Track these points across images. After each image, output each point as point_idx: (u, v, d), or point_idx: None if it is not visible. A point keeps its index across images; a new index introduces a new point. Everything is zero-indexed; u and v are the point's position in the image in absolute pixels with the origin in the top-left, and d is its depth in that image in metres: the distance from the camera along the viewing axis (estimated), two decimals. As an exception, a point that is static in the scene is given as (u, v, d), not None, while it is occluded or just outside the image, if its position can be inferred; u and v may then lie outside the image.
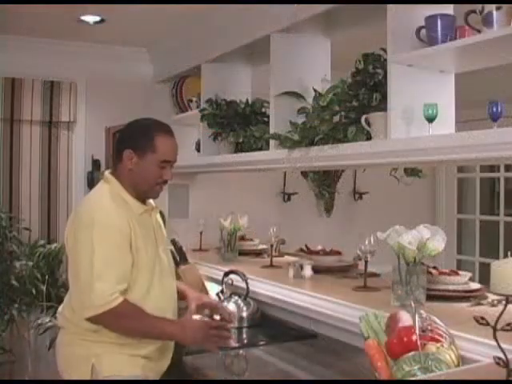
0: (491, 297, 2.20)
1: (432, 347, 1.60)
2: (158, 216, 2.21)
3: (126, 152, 2.04)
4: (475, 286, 2.34)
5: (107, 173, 2.13)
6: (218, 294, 2.73)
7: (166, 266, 2.14)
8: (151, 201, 2.17)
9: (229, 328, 2.09)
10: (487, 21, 1.84)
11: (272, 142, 2.86)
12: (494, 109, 1.91)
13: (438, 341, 1.65)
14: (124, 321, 1.92)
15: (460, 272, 2.43)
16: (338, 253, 3.16)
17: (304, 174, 4.70)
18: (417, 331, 1.61)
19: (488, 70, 2.25)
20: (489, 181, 5.52)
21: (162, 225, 2.26)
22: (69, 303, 2.05)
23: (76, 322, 1.98)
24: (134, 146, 2.03)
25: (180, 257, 2.83)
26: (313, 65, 2.89)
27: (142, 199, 2.10)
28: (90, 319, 1.89)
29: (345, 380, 1.92)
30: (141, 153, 2.03)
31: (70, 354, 2.03)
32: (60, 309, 2.13)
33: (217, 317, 2.24)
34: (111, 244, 1.92)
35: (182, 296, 2.27)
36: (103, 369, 1.93)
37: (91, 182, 4.17)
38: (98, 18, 3.54)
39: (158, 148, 2.02)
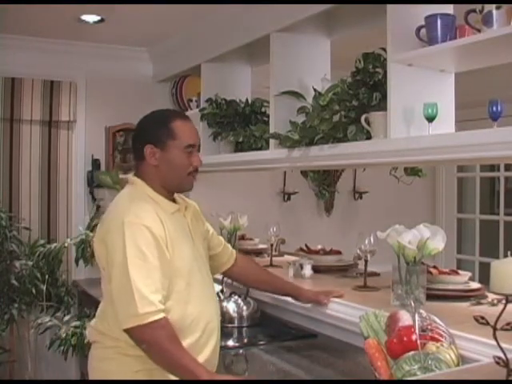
0: (491, 296, 2.21)
1: (432, 347, 1.61)
2: (193, 215, 2.09)
3: (147, 148, 1.93)
4: (475, 285, 2.34)
5: (131, 176, 2.02)
6: (217, 294, 2.73)
7: (206, 267, 2.05)
8: (183, 199, 2.08)
9: None
10: (487, 20, 1.84)
11: (272, 142, 2.86)
12: (494, 108, 1.91)
13: (437, 340, 1.65)
14: (163, 341, 1.75)
15: (460, 271, 2.44)
16: (338, 252, 3.16)
17: (304, 173, 4.71)
18: (417, 331, 1.61)
19: (488, 70, 2.25)
20: (489, 180, 5.52)
21: (202, 222, 2.20)
22: (103, 315, 1.95)
23: (113, 335, 1.87)
24: (153, 139, 1.93)
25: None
26: (313, 65, 2.89)
27: (173, 198, 2.01)
28: (129, 331, 1.77)
29: (345, 380, 1.92)
30: (162, 144, 1.92)
31: (106, 370, 1.91)
32: (92, 323, 2.02)
33: None
34: (144, 245, 1.79)
35: (295, 296, 2.40)
36: None
37: (91, 182, 4.18)
38: (97, 18, 3.53)
39: (178, 134, 1.93)
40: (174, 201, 2.02)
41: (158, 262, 1.81)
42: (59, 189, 4.17)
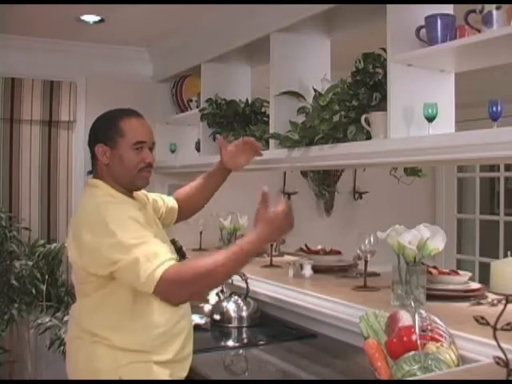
0: (491, 296, 2.21)
1: (432, 347, 1.61)
2: (151, 206, 2.18)
3: (98, 148, 1.95)
4: (475, 285, 2.34)
5: (89, 179, 2.02)
6: (217, 294, 2.74)
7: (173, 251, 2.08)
8: (140, 196, 2.11)
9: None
10: (487, 20, 1.84)
11: (272, 142, 2.86)
12: (494, 108, 1.91)
13: (437, 340, 1.65)
14: (195, 268, 1.74)
15: (460, 272, 2.43)
16: (338, 252, 3.16)
17: (304, 173, 4.71)
18: (417, 331, 1.61)
19: (488, 70, 2.25)
20: (489, 180, 5.52)
21: (157, 208, 2.26)
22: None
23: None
24: (102, 138, 1.95)
25: (180, 256, 2.83)
26: (313, 65, 2.89)
27: (133, 196, 2.03)
28: (158, 291, 1.70)
29: (345, 380, 1.92)
30: (111, 142, 1.94)
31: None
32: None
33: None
34: (131, 220, 1.80)
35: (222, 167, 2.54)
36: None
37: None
38: (97, 18, 3.53)
39: (126, 131, 1.93)
40: (133, 199, 2.04)
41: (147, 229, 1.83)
42: (59, 189, 4.17)
